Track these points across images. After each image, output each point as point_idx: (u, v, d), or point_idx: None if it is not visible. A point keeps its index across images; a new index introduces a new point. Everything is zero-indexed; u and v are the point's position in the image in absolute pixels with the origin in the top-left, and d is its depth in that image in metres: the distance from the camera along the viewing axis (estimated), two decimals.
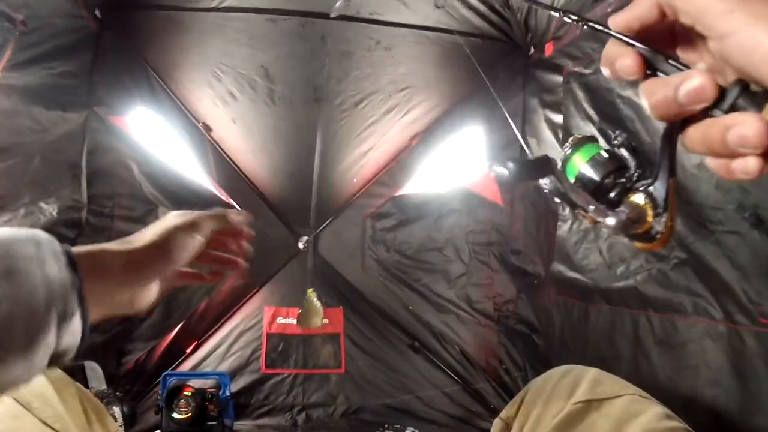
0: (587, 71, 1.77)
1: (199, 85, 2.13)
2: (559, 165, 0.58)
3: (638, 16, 0.41)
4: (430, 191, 2.33)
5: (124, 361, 2.11)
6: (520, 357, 2.27)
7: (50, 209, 1.87)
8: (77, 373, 1.85)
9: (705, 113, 0.38)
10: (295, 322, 2.20)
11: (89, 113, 2.03)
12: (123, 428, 1.79)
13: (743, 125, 0.34)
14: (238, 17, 2.05)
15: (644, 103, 0.40)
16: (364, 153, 2.26)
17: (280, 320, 2.24)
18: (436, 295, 2.30)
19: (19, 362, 0.40)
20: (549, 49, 2.03)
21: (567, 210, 1.87)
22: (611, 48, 0.42)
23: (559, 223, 1.90)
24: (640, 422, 0.79)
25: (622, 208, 0.51)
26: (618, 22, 0.42)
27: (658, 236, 0.50)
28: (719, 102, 0.37)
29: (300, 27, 2.06)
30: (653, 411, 0.81)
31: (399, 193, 2.31)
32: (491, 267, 2.33)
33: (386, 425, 2.15)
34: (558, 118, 1.96)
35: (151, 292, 0.59)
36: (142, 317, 2.11)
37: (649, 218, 0.49)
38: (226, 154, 2.21)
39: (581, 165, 0.56)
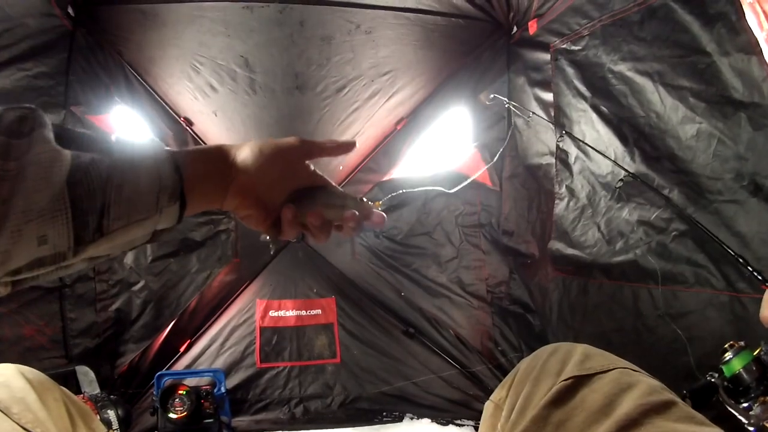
0: (575, 47, 1.72)
1: (178, 78, 2.09)
2: (725, 360, 0.90)
3: None
4: (418, 175, 2.29)
5: (118, 363, 2.09)
6: (515, 337, 2.25)
7: None
8: (69, 379, 1.83)
9: None
10: (289, 313, 2.20)
11: (66, 113, 1.98)
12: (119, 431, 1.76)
13: None
14: (213, 6, 1.98)
15: None
16: None
17: (272, 313, 2.22)
18: (428, 280, 2.27)
19: (133, 229, 0.56)
20: (532, 27, 1.98)
21: (563, 188, 1.85)
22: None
23: (556, 202, 1.87)
24: (632, 396, 0.76)
25: (758, 409, 0.83)
26: None
27: None
28: None
29: (277, 13, 2.00)
30: (645, 383, 0.79)
31: (386, 178, 2.28)
32: (482, 249, 2.31)
33: (384, 413, 2.14)
34: (548, 96, 1.92)
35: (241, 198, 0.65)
36: (133, 318, 2.08)
37: None
38: None
39: (739, 368, 0.88)
